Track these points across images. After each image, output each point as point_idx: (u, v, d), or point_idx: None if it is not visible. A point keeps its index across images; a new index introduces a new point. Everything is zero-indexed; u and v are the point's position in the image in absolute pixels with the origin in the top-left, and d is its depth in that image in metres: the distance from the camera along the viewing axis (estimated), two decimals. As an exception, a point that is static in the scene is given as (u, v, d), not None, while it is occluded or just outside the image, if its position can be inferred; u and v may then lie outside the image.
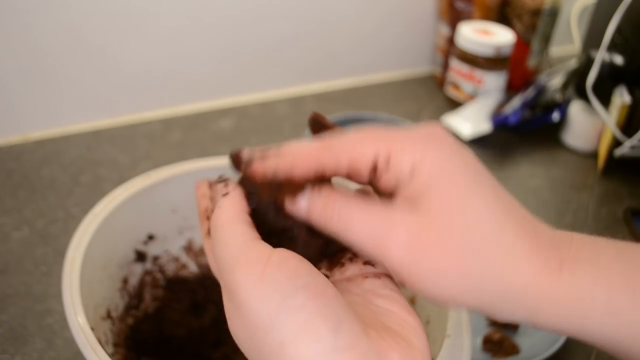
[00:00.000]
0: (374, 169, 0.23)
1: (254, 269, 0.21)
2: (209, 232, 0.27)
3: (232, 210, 0.24)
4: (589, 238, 0.23)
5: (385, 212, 0.22)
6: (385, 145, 0.23)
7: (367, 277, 0.25)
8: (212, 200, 0.27)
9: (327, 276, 0.26)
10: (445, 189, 0.22)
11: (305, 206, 0.24)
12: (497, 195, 0.23)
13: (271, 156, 0.25)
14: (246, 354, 0.22)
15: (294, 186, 0.24)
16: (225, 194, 0.25)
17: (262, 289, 0.20)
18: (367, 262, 0.26)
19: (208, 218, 0.28)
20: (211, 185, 0.27)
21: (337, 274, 0.26)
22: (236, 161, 0.26)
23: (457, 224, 0.21)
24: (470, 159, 0.23)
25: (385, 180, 0.23)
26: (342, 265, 0.27)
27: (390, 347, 0.21)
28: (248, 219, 0.24)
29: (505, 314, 0.22)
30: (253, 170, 0.25)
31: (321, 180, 0.25)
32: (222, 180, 0.26)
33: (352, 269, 0.26)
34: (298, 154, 0.24)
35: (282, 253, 0.22)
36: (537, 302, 0.21)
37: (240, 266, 0.21)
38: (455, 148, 0.23)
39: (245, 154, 0.26)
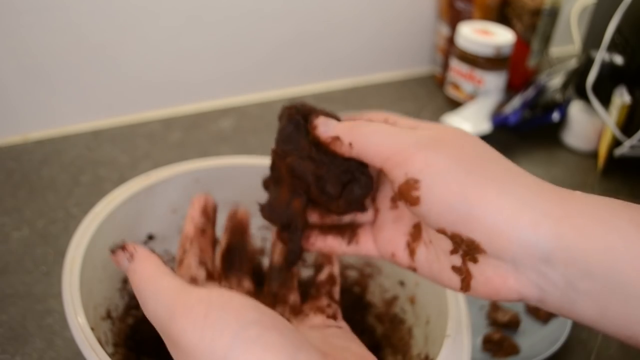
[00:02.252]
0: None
1: (196, 313, 0.20)
2: None
3: (149, 268, 0.23)
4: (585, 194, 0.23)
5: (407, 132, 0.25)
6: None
7: (329, 326, 0.26)
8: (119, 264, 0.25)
9: (289, 320, 0.26)
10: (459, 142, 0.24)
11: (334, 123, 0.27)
12: (503, 160, 0.25)
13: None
14: None
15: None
16: (131, 257, 0.24)
17: (210, 330, 0.19)
18: (330, 317, 0.27)
19: None
20: (112, 252, 0.25)
21: (300, 322, 0.27)
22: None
23: (462, 153, 0.24)
24: (479, 142, 0.26)
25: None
26: (306, 315, 0.27)
27: None
28: (169, 270, 0.23)
29: (512, 248, 0.21)
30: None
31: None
32: (120, 246, 0.25)
33: (315, 319, 0.27)
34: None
35: (224, 292, 0.21)
36: (558, 220, 0.21)
37: (180, 314, 0.20)
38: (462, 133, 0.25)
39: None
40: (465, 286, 0.23)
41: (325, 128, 0.26)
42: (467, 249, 0.22)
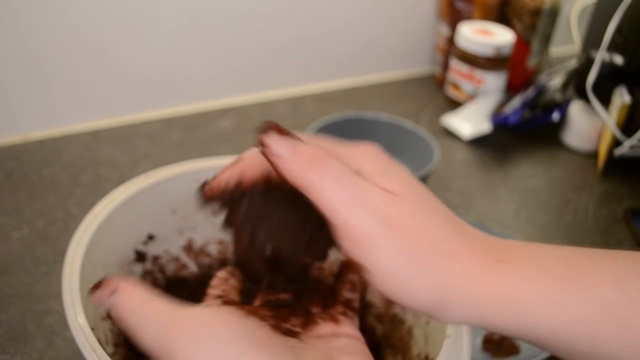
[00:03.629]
0: None
1: (188, 328, 0.21)
2: None
3: (135, 296, 0.23)
4: (526, 242, 0.24)
5: (365, 182, 0.23)
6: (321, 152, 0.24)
7: (338, 336, 0.26)
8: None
9: (296, 332, 0.27)
10: (400, 185, 0.23)
11: (287, 150, 0.23)
12: (437, 204, 0.24)
13: (225, 169, 0.26)
14: None
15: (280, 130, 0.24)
16: (113, 290, 0.24)
17: (200, 344, 0.20)
18: (344, 325, 0.27)
19: None
20: (91, 291, 0.25)
21: (308, 331, 0.27)
22: (202, 193, 0.28)
23: (416, 218, 0.23)
24: (406, 173, 0.25)
25: None
26: (316, 323, 0.27)
27: None
28: (155, 293, 0.23)
29: (456, 315, 0.23)
30: (209, 188, 0.27)
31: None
32: (98, 284, 0.24)
33: (325, 328, 0.27)
34: (248, 160, 0.25)
35: (213, 310, 0.22)
36: (481, 298, 0.22)
37: (172, 331, 0.21)
38: (390, 160, 0.25)
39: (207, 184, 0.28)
40: None
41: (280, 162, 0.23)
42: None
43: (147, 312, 0.22)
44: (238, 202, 0.26)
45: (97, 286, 0.24)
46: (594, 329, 0.21)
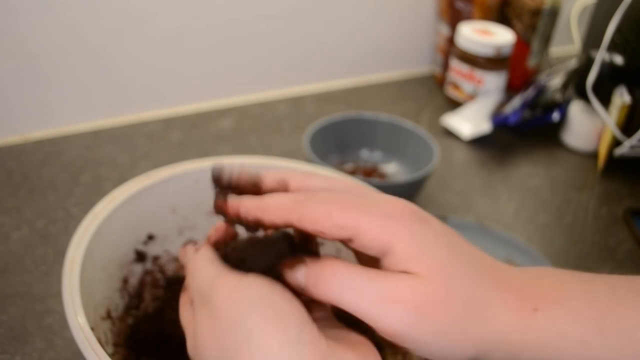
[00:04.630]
0: (338, 239, 0.25)
1: (229, 282, 0.24)
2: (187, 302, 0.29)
3: (207, 257, 0.27)
4: (556, 277, 0.26)
5: (390, 277, 0.24)
6: (355, 218, 0.24)
7: (319, 320, 0.27)
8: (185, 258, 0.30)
9: None
10: (432, 260, 0.24)
11: (303, 277, 0.25)
12: (471, 254, 0.25)
13: (248, 198, 0.27)
14: None
15: (292, 261, 0.25)
16: (198, 249, 0.28)
17: (237, 293, 0.24)
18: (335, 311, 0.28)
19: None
20: (184, 246, 0.30)
21: None
22: (217, 180, 0.28)
23: (450, 288, 0.24)
24: (439, 228, 0.25)
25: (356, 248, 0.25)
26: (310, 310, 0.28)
27: (345, 348, 0.23)
28: (221, 262, 0.27)
29: (496, 358, 0.25)
30: (228, 205, 0.27)
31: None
32: (192, 242, 0.30)
33: (320, 313, 0.28)
34: (271, 205, 0.26)
35: (254, 276, 0.25)
36: (519, 344, 0.24)
37: (217, 282, 0.25)
38: (424, 220, 0.25)
39: (226, 175, 0.28)
40: None
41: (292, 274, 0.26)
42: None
43: (209, 266, 0.26)
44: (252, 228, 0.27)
45: (189, 243, 0.29)
46: None
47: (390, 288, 0.23)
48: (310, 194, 0.26)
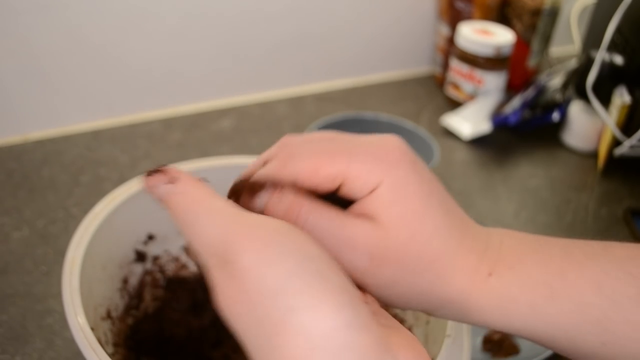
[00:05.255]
0: (332, 189, 0.24)
1: (257, 236, 0.19)
2: None
3: (200, 189, 0.22)
4: (516, 239, 0.26)
5: (350, 224, 0.24)
6: (343, 167, 0.24)
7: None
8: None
9: None
10: (402, 211, 0.24)
11: (262, 205, 0.24)
12: (446, 207, 0.25)
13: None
14: (242, 334, 0.18)
15: (253, 186, 0.25)
16: (173, 180, 0.22)
17: (271, 252, 0.18)
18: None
19: None
20: (147, 174, 0.23)
21: None
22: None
23: (411, 243, 0.24)
24: (425, 175, 0.25)
25: (342, 193, 0.24)
26: None
27: (398, 342, 0.19)
28: (220, 195, 0.22)
29: (441, 315, 0.25)
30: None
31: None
32: (156, 169, 0.22)
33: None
34: (260, 176, 0.25)
35: (283, 222, 0.21)
36: (470, 306, 0.24)
37: (239, 233, 0.19)
38: (410, 164, 0.24)
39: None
40: None
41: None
42: None
43: (212, 206, 0.21)
44: None
45: (153, 172, 0.22)
46: (574, 331, 0.23)
47: (349, 235, 0.23)
48: (292, 148, 0.25)
